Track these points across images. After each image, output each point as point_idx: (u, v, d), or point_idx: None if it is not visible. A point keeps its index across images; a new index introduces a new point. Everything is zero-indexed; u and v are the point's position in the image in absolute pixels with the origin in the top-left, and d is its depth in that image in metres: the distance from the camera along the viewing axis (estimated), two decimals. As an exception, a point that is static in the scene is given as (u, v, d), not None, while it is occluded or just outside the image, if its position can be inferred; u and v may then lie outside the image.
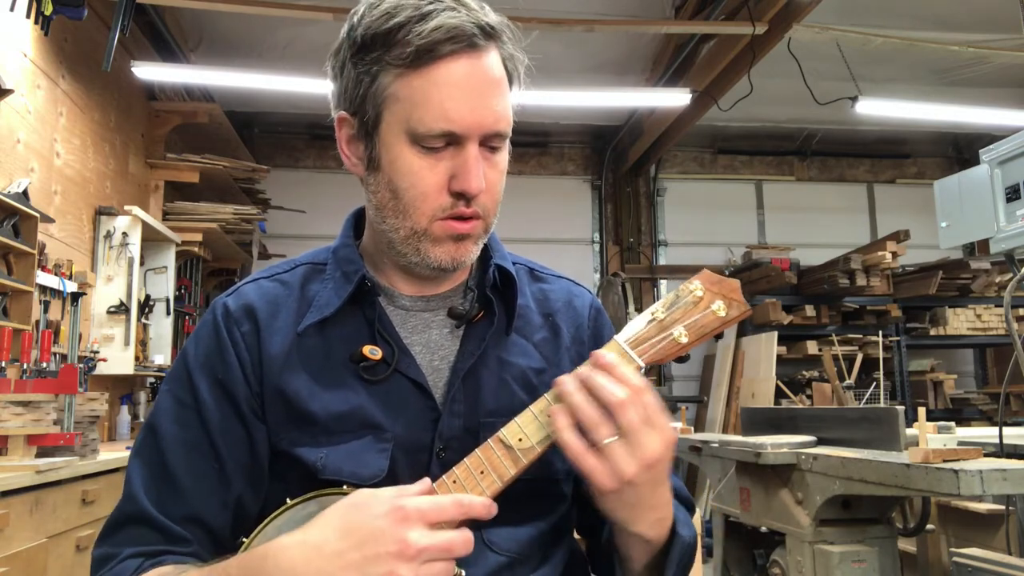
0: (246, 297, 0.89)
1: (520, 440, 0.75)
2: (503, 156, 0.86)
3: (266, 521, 0.78)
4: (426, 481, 0.73)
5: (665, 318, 0.80)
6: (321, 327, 0.87)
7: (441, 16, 0.78)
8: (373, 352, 0.84)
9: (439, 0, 0.79)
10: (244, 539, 0.78)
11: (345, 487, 0.76)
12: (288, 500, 0.78)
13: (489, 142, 0.82)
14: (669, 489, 0.78)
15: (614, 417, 0.71)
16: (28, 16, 2.84)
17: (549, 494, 0.89)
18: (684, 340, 0.79)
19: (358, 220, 0.97)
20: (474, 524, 0.81)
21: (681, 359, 0.86)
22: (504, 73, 0.83)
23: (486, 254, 0.94)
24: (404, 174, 0.81)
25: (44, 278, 3.18)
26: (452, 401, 0.85)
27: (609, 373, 0.73)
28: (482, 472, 0.75)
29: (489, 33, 0.81)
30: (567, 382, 0.74)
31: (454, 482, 0.75)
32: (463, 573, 0.74)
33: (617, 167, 6.79)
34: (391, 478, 0.82)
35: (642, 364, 0.78)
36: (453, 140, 0.80)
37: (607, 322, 1.01)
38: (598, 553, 0.94)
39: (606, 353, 0.76)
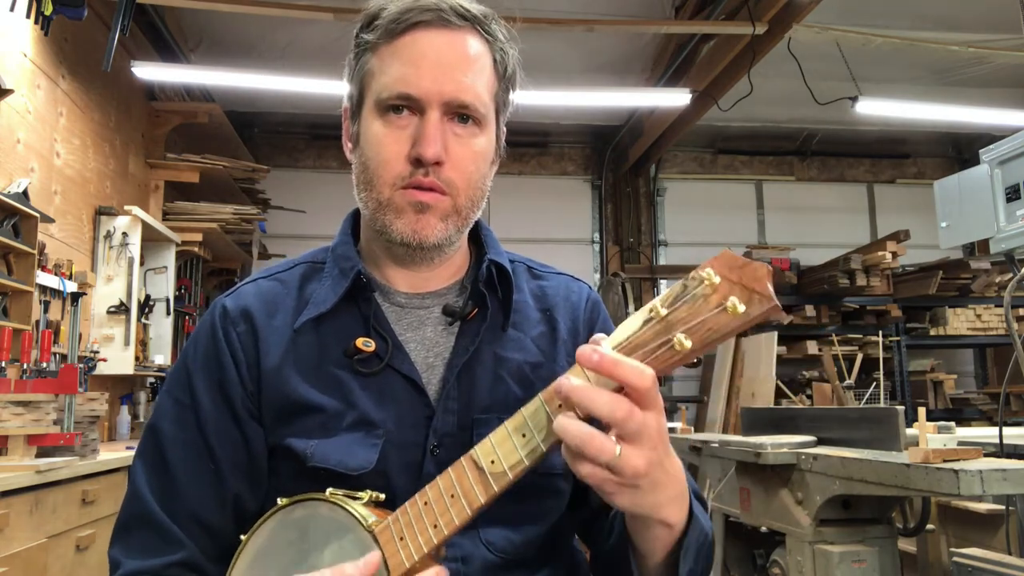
0: (244, 298, 0.90)
1: (492, 463, 0.66)
2: (479, 140, 0.85)
3: (259, 522, 0.79)
4: (374, 556, 0.70)
5: (668, 315, 0.61)
6: (317, 323, 0.87)
7: None
8: (367, 344, 0.84)
9: None
10: (243, 536, 0.80)
11: (328, 492, 0.75)
12: (279, 500, 0.78)
13: (455, 112, 0.82)
14: (675, 455, 0.71)
15: (618, 428, 0.62)
16: (28, 16, 2.83)
17: (547, 490, 0.88)
18: (688, 346, 0.60)
19: (355, 219, 0.97)
20: (472, 521, 0.81)
21: (692, 364, 0.74)
22: (482, 56, 0.84)
23: (481, 251, 0.94)
24: (370, 143, 0.83)
25: (44, 278, 3.18)
26: (447, 398, 0.85)
27: (588, 394, 0.62)
28: (452, 496, 0.67)
29: (464, 16, 0.83)
30: (566, 426, 0.62)
31: (425, 503, 0.69)
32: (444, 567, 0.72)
33: (617, 167, 6.78)
34: (380, 472, 0.82)
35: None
36: (414, 106, 0.81)
37: (604, 314, 1.00)
38: (604, 560, 0.90)
39: (573, 380, 0.63)
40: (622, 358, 0.61)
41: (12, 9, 2.82)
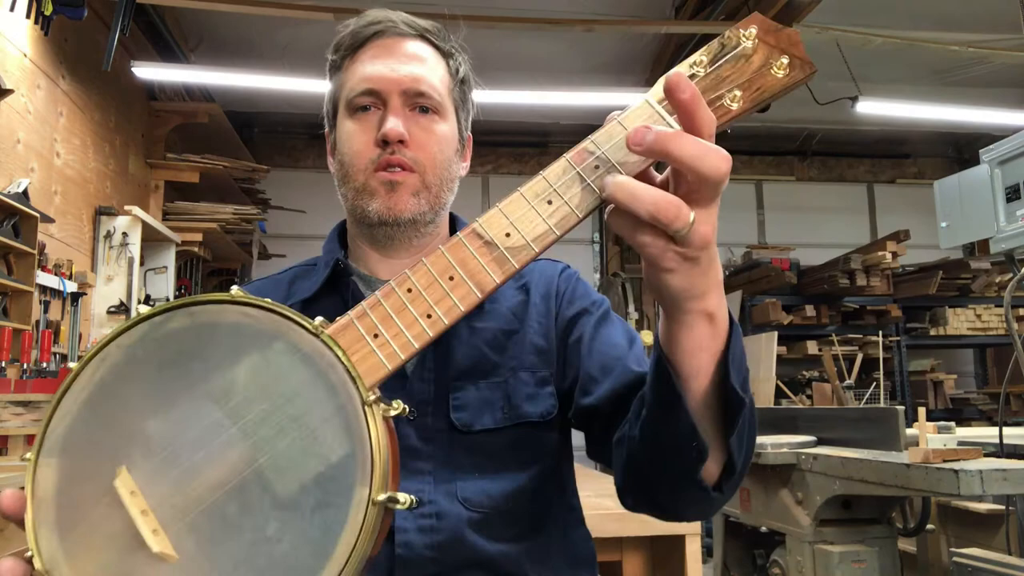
0: None
1: (508, 236, 0.57)
2: (440, 127, 0.92)
3: (100, 343, 0.58)
4: (13, 495, 0.57)
5: (712, 72, 0.60)
6: (301, 311, 0.91)
7: (372, 15, 0.95)
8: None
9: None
10: (72, 364, 0.67)
11: (233, 290, 0.59)
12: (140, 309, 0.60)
13: (414, 101, 0.91)
14: None
15: (693, 186, 0.54)
16: (28, 16, 2.84)
17: (521, 441, 0.87)
18: (735, 107, 0.59)
19: (343, 229, 1.03)
20: (446, 475, 0.83)
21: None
22: (433, 57, 0.94)
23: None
24: (343, 140, 0.93)
25: (44, 278, 3.18)
26: (421, 368, 0.89)
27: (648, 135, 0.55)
28: (451, 278, 0.56)
29: (413, 27, 0.94)
30: (633, 190, 0.54)
31: (409, 291, 0.56)
32: (413, 500, 0.52)
33: (617, 167, 6.78)
34: None
35: (678, 128, 0.56)
36: (378, 100, 0.91)
37: (584, 284, 0.99)
38: (641, 447, 0.72)
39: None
40: (701, 100, 0.54)
41: (12, 9, 2.82)
